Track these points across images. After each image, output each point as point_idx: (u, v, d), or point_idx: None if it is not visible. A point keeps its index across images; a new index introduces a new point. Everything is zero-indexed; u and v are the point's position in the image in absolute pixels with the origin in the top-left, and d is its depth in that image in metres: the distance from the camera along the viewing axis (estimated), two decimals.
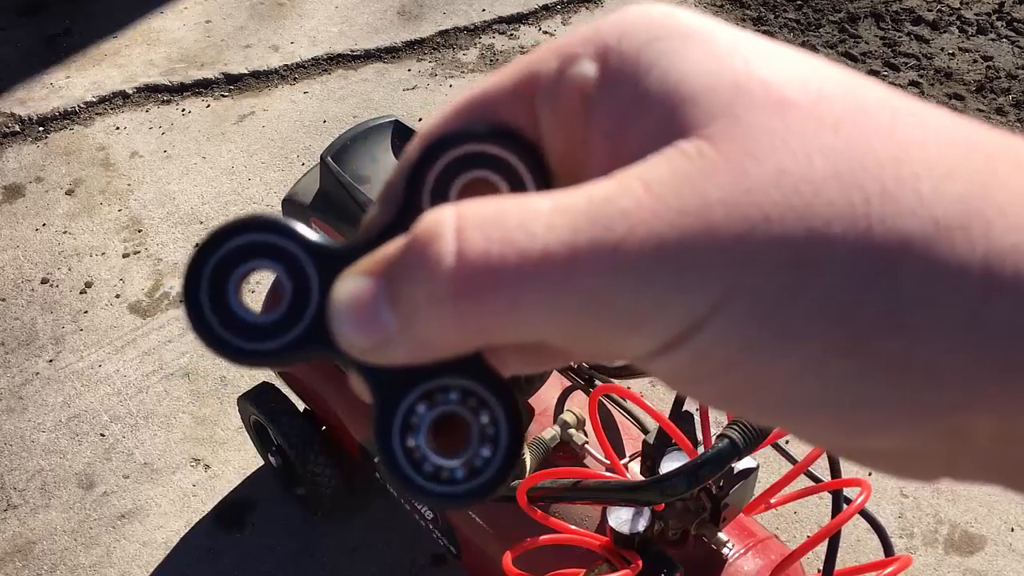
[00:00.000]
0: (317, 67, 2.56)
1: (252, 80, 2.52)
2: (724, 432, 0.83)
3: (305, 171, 1.37)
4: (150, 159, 2.31)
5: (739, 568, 1.04)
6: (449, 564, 1.55)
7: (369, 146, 1.14)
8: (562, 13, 2.73)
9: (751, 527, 1.10)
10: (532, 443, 1.12)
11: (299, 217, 1.19)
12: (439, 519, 1.26)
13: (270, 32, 2.67)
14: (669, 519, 1.00)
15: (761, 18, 2.73)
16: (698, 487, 0.85)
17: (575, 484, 0.91)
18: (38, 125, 2.40)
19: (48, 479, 1.70)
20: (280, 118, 2.41)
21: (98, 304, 1.98)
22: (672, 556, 0.97)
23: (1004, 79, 2.52)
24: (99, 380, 1.84)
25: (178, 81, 2.51)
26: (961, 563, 1.55)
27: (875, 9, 2.74)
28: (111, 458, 1.72)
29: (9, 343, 1.91)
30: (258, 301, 1.73)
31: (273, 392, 1.53)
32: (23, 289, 2.02)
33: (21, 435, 1.76)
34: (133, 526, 1.63)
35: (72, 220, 2.17)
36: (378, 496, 1.57)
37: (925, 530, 1.58)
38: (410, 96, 2.46)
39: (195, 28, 2.69)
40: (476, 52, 2.60)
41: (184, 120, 2.42)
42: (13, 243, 2.12)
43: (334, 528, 1.61)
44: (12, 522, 1.64)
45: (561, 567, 0.99)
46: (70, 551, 1.60)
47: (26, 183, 2.26)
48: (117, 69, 2.55)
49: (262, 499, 1.66)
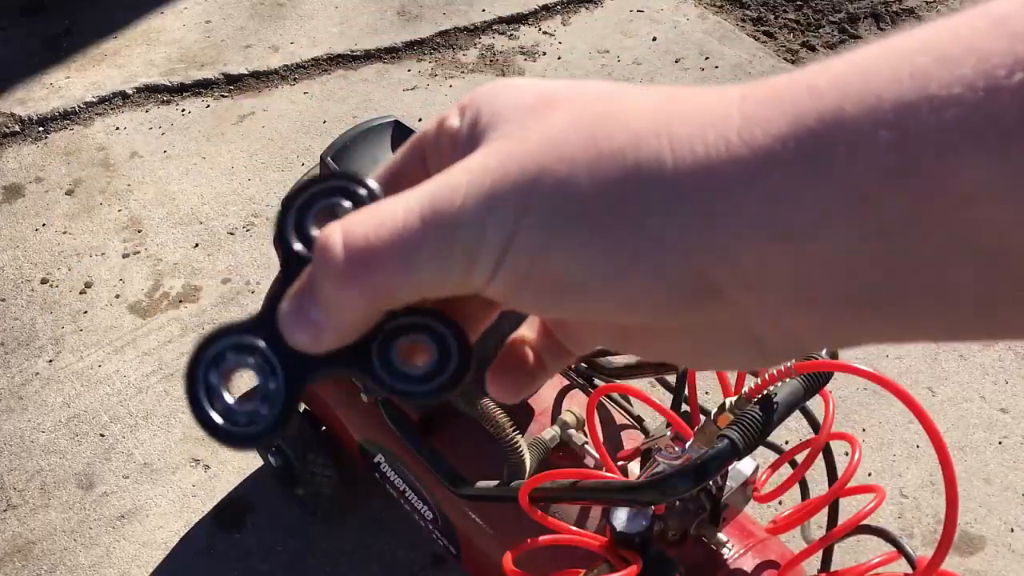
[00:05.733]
0: (317, 67, 2.56)
1: (252, 80, 2.52)
2: (724, 432, 0.83)
3: (305, 171, 1.37)
4: (150, 159, 2.31)
5: (739, 568, 1.04)
6: (449, 564, 1.55)
7: (369, 146, 1.14)
8: (562, 13, 2.73)
9: (751, 528, 1.10)
10: (532, 443, 1.12)
11: None
12: (439, 519, 1.26)
13: (270, 32, 2.67)
14: (669, 519, 1.00)
15: (761, 18, 2.73)
16: (698, 487, 0.85)
17: (575, 484, 0.91)
18: (38, 125, 2.40)
19: (48, 479, 1.69)
20: (280, 118, 2.41)
21: (98, 304, 1.98)
22: (672, 556, 0.97)
23: None
24: (99, 380, 1.84)
25: (178, 81, 2.51)
26: (961, 563, 1.55)
27: (875, 9, 2.74)
28: (111, 458, 1.72)
29: (9, 343, 1.91)
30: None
31: None
32: (23, 289, 2.02)
33: (21, 435, 1.76)
34: (133, 526, 1.63)
35: (72, 220, 2.17)
36: (378, 496, 1.57)
37: (925, 530, 1.58)
38: (410, 96, 2.46)
39: (195, 28, 2.69)
40: (476, 52, 2.60)
41: (184, 120, 2.42)
42: (13, 243, 2.12)
43: (334, 528, 1.61)
44: (12, 522, 1.64)
45: (561, 567, 0.99)
46: (70, 551, 1.60)
47: (26, 183, 2.26)
48: (117, 69, 2.55)
49: (262, 499, 1.66)
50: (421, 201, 0.23)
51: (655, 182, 0.22)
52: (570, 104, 0.24)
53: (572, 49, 2.60)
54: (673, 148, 0.22)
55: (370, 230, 0.23)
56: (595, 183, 0.22)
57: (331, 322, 0.25)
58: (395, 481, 1.32)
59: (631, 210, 0.22)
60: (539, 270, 0.23)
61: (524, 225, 0.23)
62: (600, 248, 0.22)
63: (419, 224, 0.23)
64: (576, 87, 0.25)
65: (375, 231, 0.23)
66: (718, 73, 2.52)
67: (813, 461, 1.03)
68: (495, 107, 0.25)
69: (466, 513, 1.20)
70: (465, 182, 0.23)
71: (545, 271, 0.23)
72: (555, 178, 0.23)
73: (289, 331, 0.25)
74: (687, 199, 0.21)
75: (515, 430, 1.07)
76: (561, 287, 0.23)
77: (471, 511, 1.19)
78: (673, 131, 0.22)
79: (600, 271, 0.23)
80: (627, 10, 2.74)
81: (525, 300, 0.24)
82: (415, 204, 0.23)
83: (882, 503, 0.94)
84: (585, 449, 1.15)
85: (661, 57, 2.57)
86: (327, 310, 0.24)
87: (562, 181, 0.22)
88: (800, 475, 1.04)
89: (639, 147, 0.22)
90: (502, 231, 0.23)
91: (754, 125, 0.21)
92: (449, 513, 1.23)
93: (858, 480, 0.91)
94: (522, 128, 0.24)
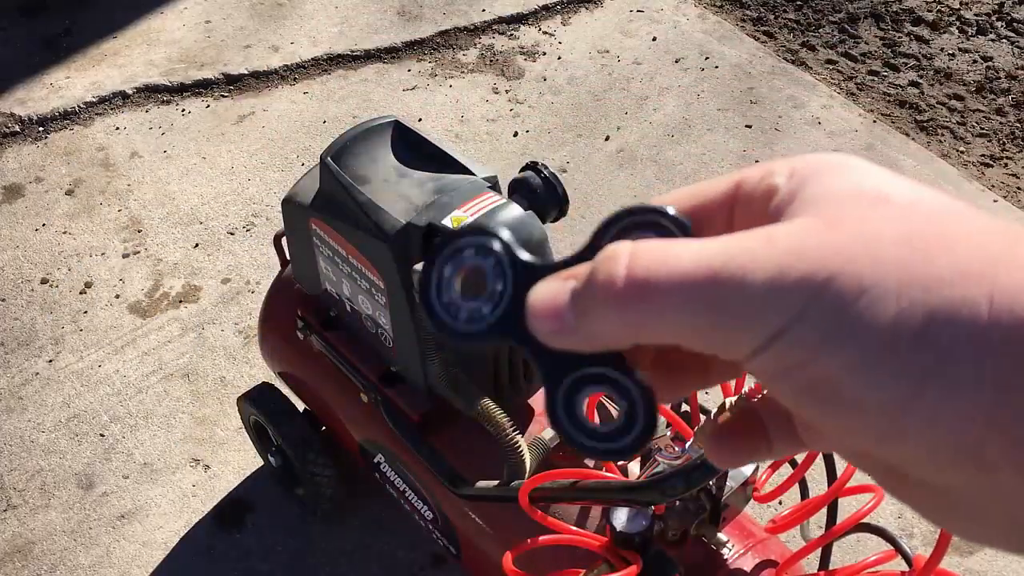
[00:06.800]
0: (317, 67, 2.56)
1: (252, 80, 2.52)
2: None
3: (305, 171, 1.37)
4: (150, 159, 2.31)
5: (739, 568, 1.04)
6: (449, 564, 1.55)
7: (369, 146, 1.14)
8: (562, 13, 2.73)
9: (751, 527, 1.10)
10: (532, 443, 1.12)
11: (298, 217, 1.19)
12: (439, 519, 1.26)
13: (270, 32, 2.67)
14: (669, 519, 1.00)
15: (761, 18, 2.73)
16: (698, 487, 0.85)
17: (575, 484, 0.92)
18: (38, 125, 2.40)
19: (48, 479, 1.70)
20: (280, 118, 2.41)
21: (98, 304, 1.98)
22: (672, 556, 0.97)
23: (1004, 79, 2.52)
24: (99, 380, 1.84)
25: (178, 81, 2.51)
26: (961, 563, 1.55)
27: (875, 9, 2.74)
28: (111, 458, 1.72)
29: (9, 343, 1.91)
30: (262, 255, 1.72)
31: (273, 392, 1.53)
32: (23, 289, 2.02)
33: (21, 435, 1.76)
34: (133, 526, 1.63)
35: (72, 220, 2.17)
36: (378, 496, 1.57)
37: (925, 530, 1.58)
38: (410, 96, 2.46)
39: (195, 28, 2.69)
40: (476, 52, 2.60)
41: (184, 120, 2.42)
42: (13, 243, 2.12)
43: (334, 528, 1.61)
44: (12, 522, 1.64)
45: (561, 567, 0.99)
46: (70, 551, 1.60)
47: (26, 183, 2.26)
48: (117, 69, 2.55)
49: (262, 499, 1.66)
50: (715, 256, 0.23)
51: (966, 330, 0.21)
52: (903, 211, 0.23)
53: (572, 49, 2.60)
54: (994, 301, 0.21)
55: (657, 263, 0.24)
56: (901, 306, 0.21)
57: (580, 327, 0.25)
58: (395, 481, 1.32)
59: (931, 347, 0.21)
60: (807, 370, 0.22)
61: (804, 321, 0.22)
62: (883, 371, 0.21)
63: (704, 277, 0.23)
64: (915, 193, 0.24)
65: (662, 266, 0.23)
66: (718, 73, 2.52)
67: (813, 461, 1.03)
68: (825, 183, 0.25)
69: (466, 513, 1.20)
70: (761, 253, 0.23)
71: (814, 373, 0.22)
72: (857, 285, 0.22)
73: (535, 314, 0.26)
74: (985, 359, 0.20)
75: (515, 430, 1.07)
76: (826, 395, 0.23)
77: (471, 511, 1.19)
78: (999, 280, 0.21)
79: (876, 395, 0.22)
80: (627, 10, 2.74)
81: (784, 392, 0.24)
82: (707, 256, 0.23)
83: (881, 502, 0.94)
84: None
85: (661, 57, 2.57)
86: (581, 314, 0.25)
87: (863, 291, 0.22)
88: (800, 475, 1.04)
89: (960, 285, 0.21)
90: (777, 319, 0.22)
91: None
92: (449, 513, 1.23)
93: (857, 480, 0.91)
94: (844, 216, 0.23)
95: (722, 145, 2.32)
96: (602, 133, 2.36)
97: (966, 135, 2.38)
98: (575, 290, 0.25)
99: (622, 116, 2.40)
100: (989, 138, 2.37)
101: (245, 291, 1.99)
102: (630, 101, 2.45)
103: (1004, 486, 0.21)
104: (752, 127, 2.37)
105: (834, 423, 0.23)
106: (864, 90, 2.51)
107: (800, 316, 0.22)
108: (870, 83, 2.52)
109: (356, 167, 1.12)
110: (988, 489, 0.22)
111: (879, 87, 2.51)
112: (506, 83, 2.50)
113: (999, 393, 0.20)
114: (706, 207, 0.28)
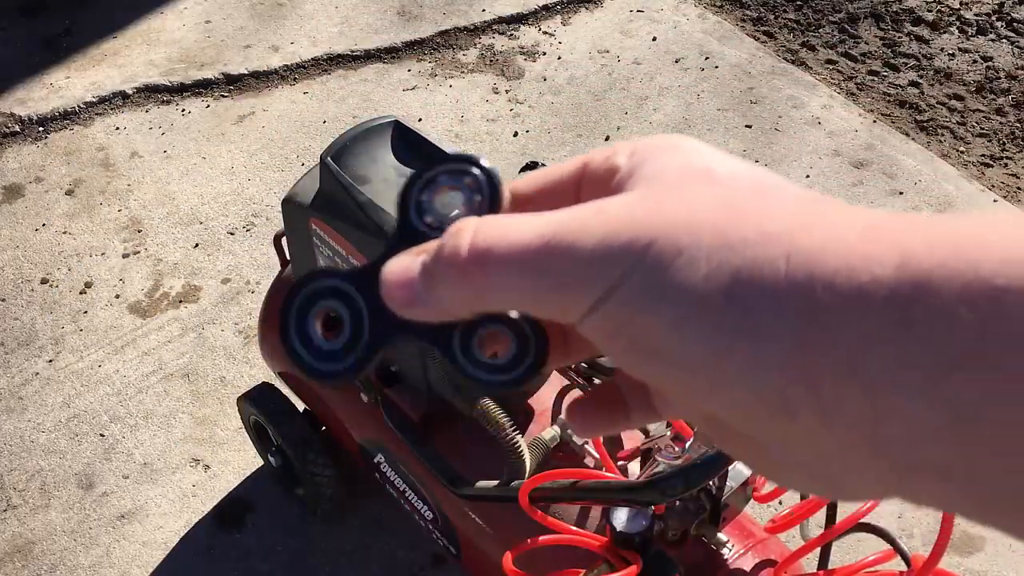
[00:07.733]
0: (317, 67, 2.56)
1: (252, 80, 2.52)
2: None
3: (305, 171, 1.37)
4: (150, 159, 2.31)
5: (739, 568, 1.04)
6: (449, 564, 1.55)
7: (369, 146, 1.14)
8: (562, 13, 2.73)
9: (751, 527, 1.10)
10: (532, 444, 1.12)
11: (298, 217, 1.19)
12: (439, 519, 1.26)
13: (270, 32, 2.67)
14: (669, 519, 1.00)
15: (761, 18, 2.73)
16: (697, 487, 0.85)
17: (575, 484, 0.91)
18: (38, 125, 2.40)
19: (48, 479, 1.70)
20: (280, 118, 2.41)
21: (98, 304, 1.98)
22: (672, 556, 0.97)
23: (1004, 79, 2.52)
24: (99, 380, 1.84)
25: (178, 81, 2.51)
26: (961, 563, 1.55)
27: (875, 9, 2.74)
28: (111, 458, 1.72)
29: (9, 343, 1.91)
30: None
31: (273, 392, 1.53)
32: (23, 289, 2.02)
33: (21, 435, 1.76)
34: (133, 526, 1.63)
35: (72, 220, 2.17)
36: (378, 496, 1.57)
37: (925, 530, 1.58)
38: (410, 96, 2.46)
39: (195, 28, 2.69)
40: (476, 52, 2.60)
41: (184, 120, 2.42)
42: (13, 243, 2.12)
43: (334, 528, 1.61)
44: (12, 522, 1.64)
45: (561, 567, 0.99)
46: (70, 551, 1.60)
47: (26, 183, 2.26)
48: (117, 69, 2.55)
49: (262, 499, 1.66)
50: (549, 226, 0.25)
51: (767, 288, 0.22)
52: (724, 183, 0.26)
53: (572, 49, 2.60)
54: (790, 260, 0.22)
55: (498, 237, 0.25)
56: (711, 266, 0.23)
57: (430, 298, 0.27)
58: (395, 481, 1.32)
59: (738, 304, 0.22)
60: (632, 329, 0.24)
61: (627, 283, 0.23)
62: (698, 327, 0.23)
63: (539, 246, 0.25)
64: (737, 169, 0.26)
65: (502, 239, 0.25)
66: (718, 73, 2.52)
67: None
68: (660, 162, 0.27)
69: (466, 513, 1.20)
70: (592, 222, 0.24)
71: (638, 332, 0.24)
72: (675, 248, 0.23)
73: (389, 288, 0.27)
74: (785, 314, 0.22)
75: (515, 430, 1.07)
76: (651, 352, 0.24)
77: (471, 511, 1.19)
78: (797, 240, 0.22)
79: (693, 350, 0.23)
80: (627, 10, 2.74)
81: (615, 352, 0.25)
82: (544, 227, 0.25)
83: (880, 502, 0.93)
84: (585, 449, 1.15)
85: (661, 57, 2.57)
86: (432, 288, 0.26)
87: (679, 253, 0.23)
88: None
89: (763, 247, 0.23)
90: (604, 282, 0.24)
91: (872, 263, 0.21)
92: (449, 513, 1.23)
93: None
94: (669, 191, 0.25)
95: (722, 145, 2.32)
96: (602, 133, 2.36)
97: (966, 135, 2.38)
98: (424, 263, 0.27)
99: (622, 116, 2.40)
100: (989, 138, 2.37)
101: (245, 291, 1.99)
102: (630, 101, 2.45)
103: (804, 430, 0.23)
104: (752, 127, 2.37)
105: (666, 382, 0.25)
106: (864, 90, 2.51)
107: (624, 279, 0.23)
108: (870, 83, 2.53)
109: (356, 167, 1.12)
110: (793, 435, 0.23)
111: (879, 87, 2.51)
112: (506, 83, 2.50)
113: (796, 345, 0.22)
114: (556, 186, 0.30)
